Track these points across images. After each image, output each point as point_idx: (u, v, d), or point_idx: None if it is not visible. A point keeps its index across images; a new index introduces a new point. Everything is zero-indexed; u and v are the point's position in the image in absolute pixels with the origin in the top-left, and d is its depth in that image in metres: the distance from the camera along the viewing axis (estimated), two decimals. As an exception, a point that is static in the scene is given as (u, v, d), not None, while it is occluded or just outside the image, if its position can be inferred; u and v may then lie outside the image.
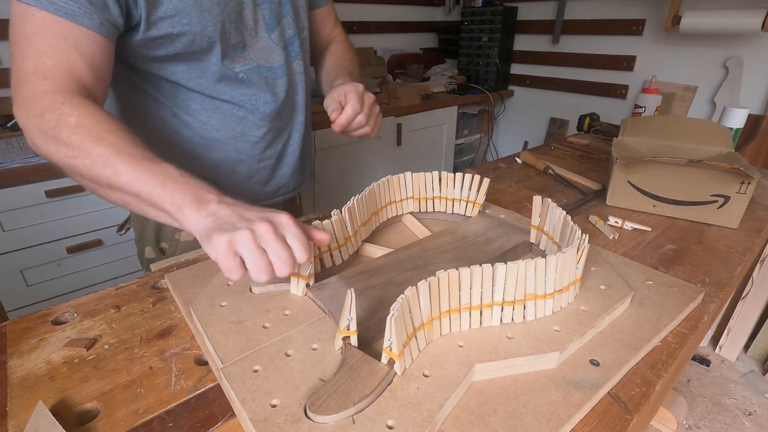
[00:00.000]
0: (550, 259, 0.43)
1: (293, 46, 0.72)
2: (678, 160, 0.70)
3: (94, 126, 0.47)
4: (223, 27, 0.61)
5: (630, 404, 0.39)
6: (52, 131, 0.47)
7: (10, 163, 1.13)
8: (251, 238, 0.40)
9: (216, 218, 0.42)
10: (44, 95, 0.48)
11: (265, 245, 0.40)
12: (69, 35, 0.49)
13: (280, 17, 0.69)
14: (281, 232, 0.42)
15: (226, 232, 0.40)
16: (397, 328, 0.36)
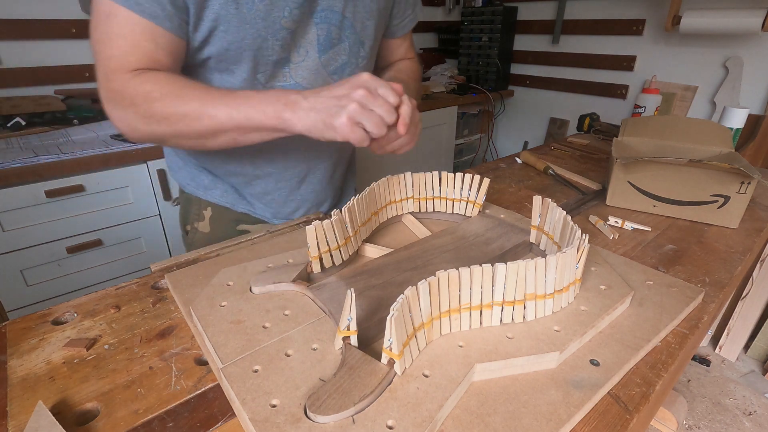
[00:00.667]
0: (550, 259, 0.43)
1: (343, 73, 0.69)
2: (678, 160, 0.70)
3: (173, 90, 0.52)
4: (264, 42, 0.58)
5: (630, 404, 0.39)
6: (147, 112, 0.52)
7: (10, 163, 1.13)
8: (361, 109, 0.47)
9: (317, 110, 0.49)
10: (126, 85, 0.52)
11: (372, 107, 0.47)
12: (150, 36, 0.52)
13: (336, 42, 0.65)
14: (374, 90, 0.48)
15: (339, 114, 0.47)
16: (397, 328, 0.36)
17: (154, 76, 0.52)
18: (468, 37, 2.39)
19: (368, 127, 0.48)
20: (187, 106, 0.51)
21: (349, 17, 0.64)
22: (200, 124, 0.52)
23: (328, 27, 0.63)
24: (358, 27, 0.66)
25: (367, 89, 0.48)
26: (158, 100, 0.51)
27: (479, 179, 0.67)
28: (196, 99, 0.51)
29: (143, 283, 0.57)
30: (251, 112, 0.51)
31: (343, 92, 0.48)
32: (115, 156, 1.27)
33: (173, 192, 1.44)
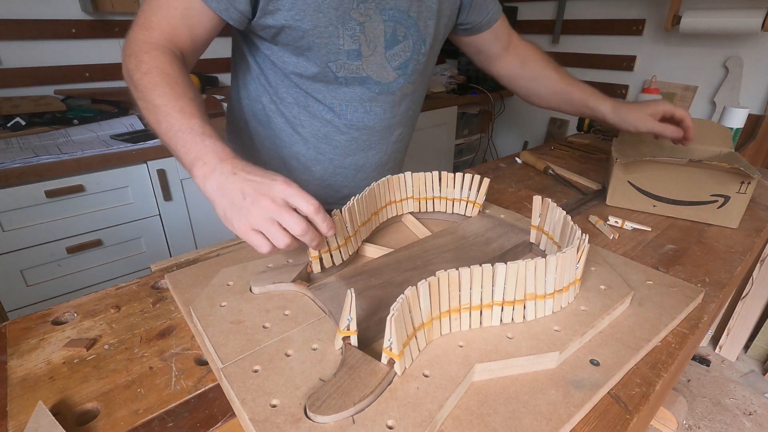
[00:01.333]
0: (550, 259, 0.43)
1: (407, 69, 0.72)
2: (678, 160, 0.70)
3: (156, 76, 0.54)
4: (336, 31, 0.62)
5: (630, 404, 0.39)
6: (131, 72, 0.55)
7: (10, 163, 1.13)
8: (263, 218, 0.44)
9: (224, 194, 0.47)
10: (138, 42, 0.56)
11: (277, 218, 0.44)
12: (182, 4, 0.56)
13: (401, 39, 0.68)
14: (282, 200, 0.45)
15: (239, 216, 0.45)
16: (397, 328, 0.36)
17: (158, 54, 0.55)
18: (468, 37, 2.39)
19: (270, 237, 0.45)
20: (151, 95, 0.53)
21: (413, 16, 0.67)
22: (150, 117, 0.54)
23: (395, 24, 0.67)
24: (422, 26, 0.69)
25: (273, 200, 0.44)
26: (141, 72, 0.54)
27: (479, 179, 0.67)
28: (162, 97, 0.53)
29: (143, 283, 0.57)
30: (179, 144, 0.50)
31: (253, 192, 0.45)
32: (115, 156, 1.27)
33: (173, 192, 1.44)
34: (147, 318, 0.50)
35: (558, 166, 1.01)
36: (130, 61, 0.56)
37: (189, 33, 0.58)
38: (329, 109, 0.71)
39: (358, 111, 0.72)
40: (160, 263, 0.60)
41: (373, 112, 0.73)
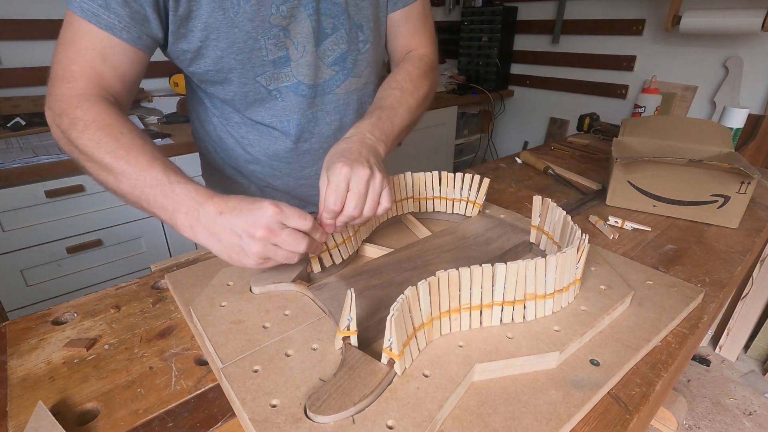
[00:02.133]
0: (550, 259, 0.43)
1: (345, 63, 0.66)
2: (678, 160, 0.70)
3: (98, 131, 0.48)
4: (255, 43, 0.57)
5: (630, 404, 0.39)
6: (66, 133, 0.50)
7: (10, 163, 1.13)
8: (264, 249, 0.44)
9: (219, 240, 0.45)
10: (65, 97, 0.51)
11: (277, 243, 0.44)
12: (98, 45, 0.51)
13: (330, 31, 0.63)
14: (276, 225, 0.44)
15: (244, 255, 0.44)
16: (397, 328, 0.36)
17: (90, 106, 0.50)
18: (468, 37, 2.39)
19: (279, 260, 0.45)
20: (99, 154, 0.48)
21: (340, 2, 0.61)
22: (105, 179, 0.49)
23: (319, 16, 0.60)
24: (352, 11, 0.63)
25: (268, 228, 0.43)
26: (78, 131, 0.49)
27: (479, 179, 0.67)
28: (111, 154, 0.47)
29: (143, 283, 0.57)
30: (151, 200, 0.47)
31: (245, 228, 0.43)
32: (115, 156, 1.27)
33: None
34: (147, 318, 0.50)
35: (558, 166, 1.01)
36: (62, 121, 0.50)
37: (115, 73, 0.53)
38: (271, 128, 0.67)
39: (301, 121, 0.67)
40: (160, 263, 0.60)
41: (318, 118, 0.68)
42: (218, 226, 0.44)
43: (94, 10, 0.49)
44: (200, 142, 0.78)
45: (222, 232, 0.44)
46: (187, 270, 0.56)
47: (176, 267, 0.59)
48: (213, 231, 0.45)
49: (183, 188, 0.46)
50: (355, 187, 0.48)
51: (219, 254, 0.45)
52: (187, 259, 0.61)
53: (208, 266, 0.56)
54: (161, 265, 0.60)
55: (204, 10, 0.53)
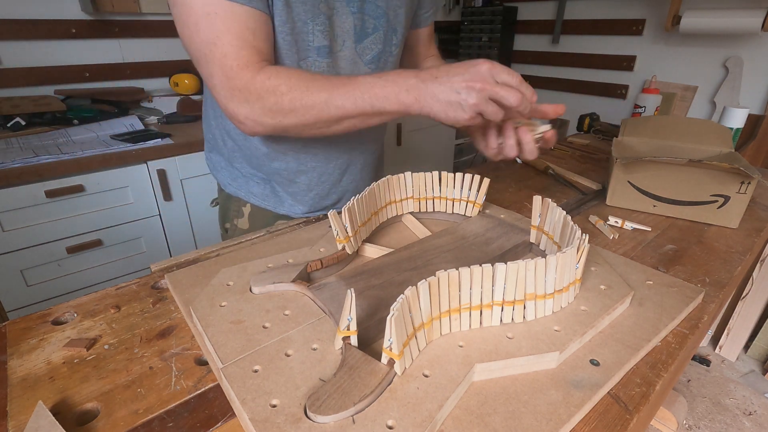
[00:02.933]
0: (550, 259, 0.43)
1: (379, 62, 0.71)
2: (678, 160, 0.70)
3: (299, 83, 0.54)
4: (306, 26, 0.60)
5: (630, 404, 0.39)
6: (277, 105, 0.54)
7: (10, 164, 1.13)
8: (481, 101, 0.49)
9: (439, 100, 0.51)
10: (252, 81, 0.54)
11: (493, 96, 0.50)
12: (247, 25, 0.54)
13: (371, 31, 0.67)
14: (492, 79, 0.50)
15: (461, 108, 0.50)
16: (397, 328, 0.36)
17: (277, 72, 0.55)
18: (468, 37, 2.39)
19: (488, 114, 0.51)
20: (315, 98, 0.54)
21: (382, 6, 0.66)
22: (327, 114, 0.55)
23: (363, 16, 0.65)
24: (391, 15, 0.68)
25: (484, 81, 0.49)
26: (286, 94, 0.54)
27: (479, 179, 0.67)
28: (323, 90, 0.53)
29: (143, 283, 0.57)
30: (375, 100, 0.53)
31: (463, 82, 0.50)
32: (115, 156, 1.27)
33: (173, 192, 1.44)
34: (147, 318, 0.50)
35: (558, 166, 1.01)
36: (265, 100, 0.54)
37: (267, 43, 0.58)
38: None
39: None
40: (160, 263, 0.60)
41: None
42: (437, 88, 0.50)
43: None
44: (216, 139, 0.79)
45: (441, 93, 0.50)
46: (187, 270, 0.56)
47: (176, 267, 0.59)
48: (434, 93, 0.51)
49: (393, 76, 0.53)
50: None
51: (437, 114, 0.51)
52: (187, 259, 0.61)
53: (208, 266, 0.56)
54: (161, 265, 0.60)
55: None
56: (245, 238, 0.66)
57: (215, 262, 0.57)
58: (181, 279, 0.54)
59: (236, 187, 0.80)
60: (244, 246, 0.63)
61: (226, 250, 0.62)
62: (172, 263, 0.60)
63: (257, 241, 0.65)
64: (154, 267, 0.59)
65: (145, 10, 1.63)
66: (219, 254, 0.61)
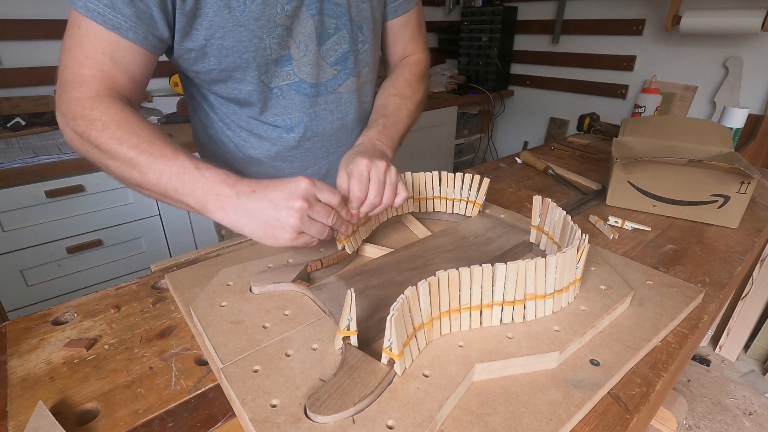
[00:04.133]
0: (550, 259, 0.43)
1: (347, 62, 0.67)
2: (678, 160, 0.70)
3: (118, 128, 0.50)
4: (260, 42, 0.58)
5: (630, 404, 0.39)
6: (84, 135, 0.51)
7: (10, 164, 1.13)
8: (301, 222, 0.46)
9: (254, 215, 0.47)
10: (78, 101, 0.52)
11: (314, 216, 0.47)
12: (107, 48, 0.51)
13: (333, 31, 0.64)
14: (312, 197, 0.47)
15: (281, 228, 0.46)
16: (397, 328, 0.36)
17: (106, 108, 0.51)
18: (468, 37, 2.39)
19: (312, 234, 0.48)
20: (122, 152, 0.49)
21: (342, 4, 0.63)
22: (128, 173, 0.51)
23: (322, 17, 0.62)
24: (353, 12, 0.64)
25: (305, 200, 0.46)
26: (98, 131, 0.50)
27: (479, 179, 0.67)
28: (134, 148, 0.49)
29: (143, 283, 0.57)
30: (179, 186, 0.49)
31: (282, 199, 0.46)
32: (115, 156, 1.27)
33: (173, 192, 1.44)
34: (147, 318, 0.50)
35: (558, 166, 1.01)
36: (77, 125, 0.51)
37: (125, 75, 0.54)
38: (274, 126, 0.67)
39: (304, 119, 0.68)
40: (160, 263, 0.60)
41: (321, 117, 0.69)
42: (253, 203, 0.47)
43: (101, 10, 0.49)
44: (201, 147, 0.78)
45: (257, 208, 0.47)
46: (187, 270, 0.56)
47: (176, 267, 0.59)
48: (247, 209, 0.47)
49: (212, 173, 0.49)
50: (375, 177, 0.53)
51: (252, 232, 0.48)
52: (187, 259, 0.61)
53: (208, 266, 0.56)
54: (161, 265, 0.60)
55: (210, 8, 0.53)
56: (245, 238, 0.66)
57: (215, 262, 0.57)
58: (181, 279, 0.54)
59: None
60: (244, 246, 0.63)
61: (226, 250, 0.62)
62: (172, 263, 0.60)
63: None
64: (154, 267, 0.59)
65: (145, 10, 1.63)
66: (219, 254, 0.61)
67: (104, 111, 0.51)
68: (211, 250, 0.63)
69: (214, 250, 0.63)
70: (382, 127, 0.65)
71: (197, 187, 0.48)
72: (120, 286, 0.56)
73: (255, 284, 0.50)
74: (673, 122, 0.86)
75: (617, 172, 0.77)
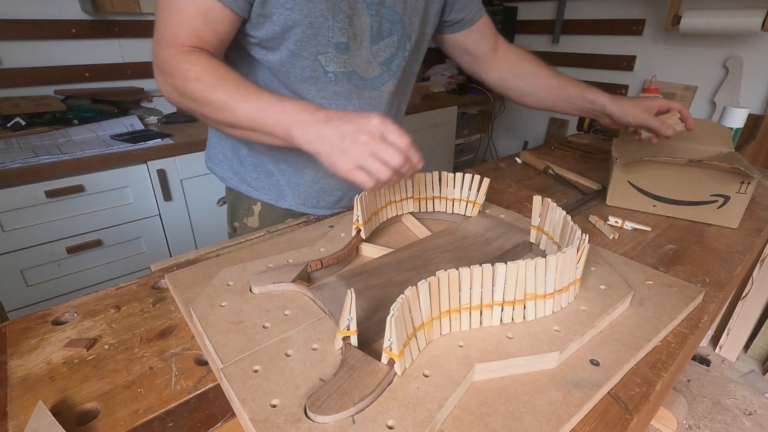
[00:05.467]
0: (550, 259, 0.43)
1: (391, 65, 0.72)
2: (678, 160, 0.70)
3: (208, 77, 0.55)
4: (327, 22, 0.61)
5: (630, 404, 0.39)
6: (181, 88, 0.56)
7: (10, 163, 1.13)
8: (362, 155, 0.49)
9: (324, 141, 0.51)
10: (172, 57, 0.56)
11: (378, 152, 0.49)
12: (203, 12, 0.56)
13: (386, 34, 0.68)
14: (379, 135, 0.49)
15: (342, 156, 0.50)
16: (397, 328, 0.36)
17: (196, 58, 0.56)
18: (468, 37, 2.39)
19: (371, 169, 0.50)
20: (214, 96, 0.55)
21: (399, 12, 0.67)
22: (221, 115, 0.56)
23: (381, 20, 0.66)
24: (406, 22, 0.69)
25: (370, 135, 0.49)
26: (191, 81, 0.55)
27: (479, 179, 0.67)
28: (224, 91, 0.55)
29: (143, 283, 0.57)
30: (266, 119, 0.54)
31: (351, 131, 0.50)
32: (115, 156, 1.27)
33: (173, 192, 1.44)
34: (147, 318, 0.50)
35: (558, 166, 1.01)
36: (174, 79, 0.56)
37: (216, 36, 0.59)
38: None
39: (348, 108, 0.71)
40: (160, 263, 0.60)
41: (362, 109, 0.72)
42: (326, 130, 0.51)
43: None
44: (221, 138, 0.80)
45: (329, 135, 0.51)
46: (187, 270, 0.56)
47: (176, 267, 0.59)
48: (322, 134, 0.51)
49: (293, 104, 0.54)
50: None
51: (322, 156, 0.52)
52: (187, 259, 0.61)
53: (208, 266, 0.56)
54: (161, 265, 0.60)
55: None
56: (245, 238, 0.66)
57: (215, 262, 0.57)
58: (181, 279, 0.54)
59: (238, 181, 0.81)
60: (244, 246, 0.63)
61: (226, 250, 0.62)
62: (172, 263, 0.60)
63: (257, 241, 0.65)
64: (154, 267, 0.59)
65: (145, 10, 1.63)
66: (219, 254, 0.61)
67: (194, 62, 0.56)
68: (211, 250, 0.63)
69: (214, 250, 0.63)
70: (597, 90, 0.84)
71: (281, 118, 0.53)
72: (120, 286, 0.56)
73: (255, 284, 0.50)
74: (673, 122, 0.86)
75: (617, 172, 0.77)
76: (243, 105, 0.54)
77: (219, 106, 0.55)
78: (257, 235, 0.67)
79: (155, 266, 0.60)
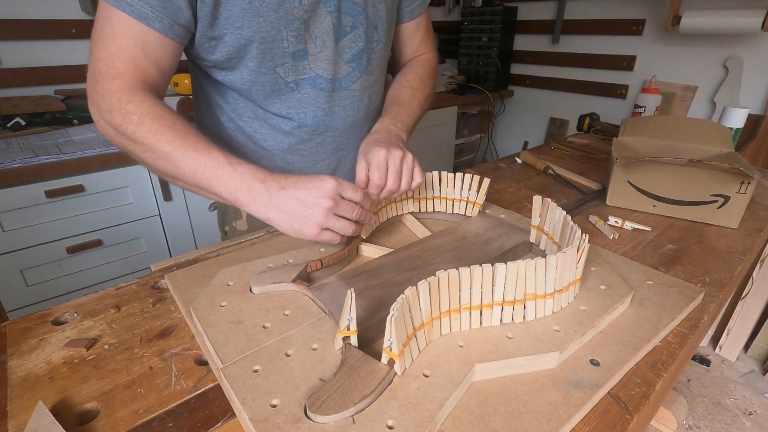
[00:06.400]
0: (550, 259, 0.43)
1: (361, 60, 0.69)
2: (678, 160, 0.70)
3: (153, 123, 0.52)
4: (278, 34, 0.59)
5: (630, 404, 0.39)
6: (120, 128, 0.53)
7: (10, 163, 1.13)
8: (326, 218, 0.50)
9: (283, 211, 0.51)
10: (113, 94, 0.53)
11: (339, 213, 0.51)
12: (139, 40, 0.53)
13: (350, 29, 0.65)
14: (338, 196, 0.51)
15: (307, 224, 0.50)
16: (397, 328, 0.36)
17: (141, 100, 0.53)
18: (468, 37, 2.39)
19: (336, 229, 0.52)
20: (159, 144, 0.52)
21: (359, 3, 0.64)
22: (164, 166, 0.53)
23: (340, 15, 0.63)
24: (370, 11, 0.66)
25: (332, 198, 0.50)
26: (134, 125, 0.52)
27: (479, 179, 0.67)
28: (170, 142, 0.52)
29: (143, 283, 0.57)
30: (213, 180, 0.52)
31: (310, 198, 0.50)
32: (115, 156, 1.27)
33: (173, 192, 1.44)
34: (147, 318, 0.50)
35: (558, 166, 1.01)
36: (113, 117, 0.53)
37: (156, 67, 0.56)
38: (287, 119, 0.68)
39: (318, 114, 0.69)
40: (160, 263, 0.60)
41: (334, 112, 0.70)
42: (282, 199, 0.51)
43: (128, 0, 0.50)
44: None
45: (286, 204, 0.51)
46: (187, 270, 0.56)
47: (176, 267, 0.59)
48: (276, 203, 0.51)
49: (244, 168, 0.52)
50: (393, 166, 0.58)
51: (279, 224, 0.52)
52: (187, 259, 0.61)
53: (208, 266, 0.56)
54: (161, 265, 0.60)
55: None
56: (245, 238, 0.66)
57: (215, 262, 0.57)
58: (181, 279, 0.54)
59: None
60: (244, 246, 0.63)
61: (226, 250, 0.62)
62: (172, 263, 0.60)
63: (257, 241, 0.65)
64: (154, 267, 0.59)
65: (145, 10, 1.63)
66: (219, 254, 0.61)
67: (139, 104, 0.53)
68: (211, 250, 0.63)
69: (214, 250, 0.63)
70: (395, 113, 0.69)
71: (230, 181, 0.52)
72: (120, 286, 0.56)
73: (255, 284, 0.50)
74: (673, 122, 0.86)
75: (617, 172, 0.77)
76: (189, 160, 0.52)
77: (162, 156, 0.52)
78: (257, 235, 0.67)
79: (155, 266, 0.60)
